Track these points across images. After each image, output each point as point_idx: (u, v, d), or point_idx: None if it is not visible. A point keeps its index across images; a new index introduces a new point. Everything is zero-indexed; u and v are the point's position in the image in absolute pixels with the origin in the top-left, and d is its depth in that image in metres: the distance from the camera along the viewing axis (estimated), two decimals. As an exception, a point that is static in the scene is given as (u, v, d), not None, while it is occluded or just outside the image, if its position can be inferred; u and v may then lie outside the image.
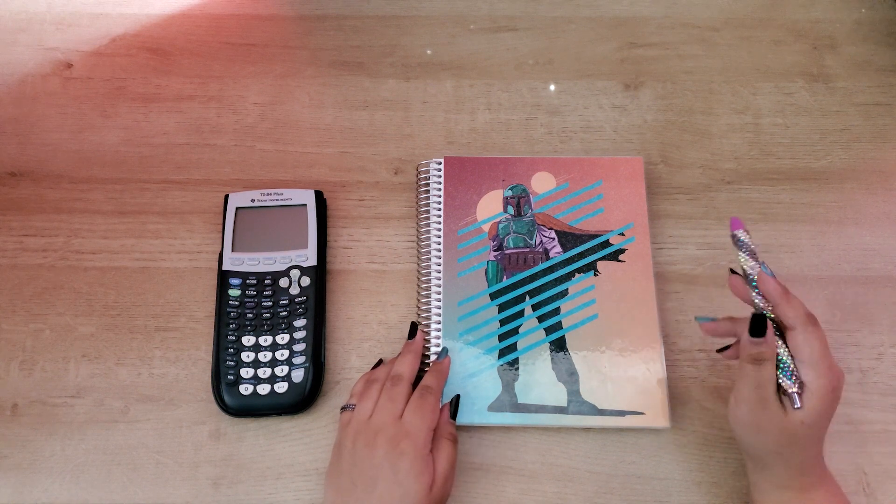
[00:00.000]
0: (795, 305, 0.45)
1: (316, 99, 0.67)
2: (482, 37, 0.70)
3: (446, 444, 0.50)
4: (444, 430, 0.51)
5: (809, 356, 0.44)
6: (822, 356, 0.44)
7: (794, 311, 0.44)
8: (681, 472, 0.54)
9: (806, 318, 0.44)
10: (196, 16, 0.71)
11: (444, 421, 0.52)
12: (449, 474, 0.49)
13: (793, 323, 0.44)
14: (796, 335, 0.44)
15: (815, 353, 0.44)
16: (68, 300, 0.59)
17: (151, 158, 0.64)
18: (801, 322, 0.44)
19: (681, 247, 0.61)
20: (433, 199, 0.61)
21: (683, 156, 0.65)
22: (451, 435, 0.51)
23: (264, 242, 0.58)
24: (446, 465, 0.48)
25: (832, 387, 0.44)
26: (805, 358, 0.44)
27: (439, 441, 0.50)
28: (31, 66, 0.69)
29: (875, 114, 0.66)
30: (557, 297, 0.57)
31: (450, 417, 0.52)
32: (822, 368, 0.44)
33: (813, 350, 0.44)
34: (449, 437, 0.50)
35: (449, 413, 0.53)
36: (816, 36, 0.70)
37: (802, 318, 0.44)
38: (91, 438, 0.55)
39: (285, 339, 0.55)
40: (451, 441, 0.50)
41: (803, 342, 0.44)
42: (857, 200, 0.63)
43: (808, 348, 0.44)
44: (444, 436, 0.50)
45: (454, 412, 0.53)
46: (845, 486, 0.48)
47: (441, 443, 0.50)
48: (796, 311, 0.45)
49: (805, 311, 0.45)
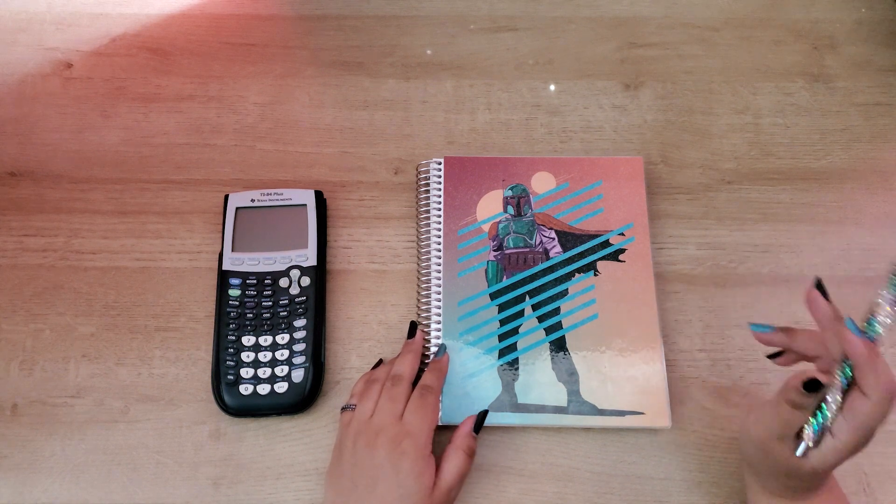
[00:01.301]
0: (882, 373, 0.39)
1: (316, 99, 0.67)
2: (482, 37, 0.70)
3: (460, 455, 0.49)
4: (462, 441, 0.50)
5: (860, 426, 0.39)
6: (872, 429, 0.39)
7: (877, 380, 0.39)
8: (681, 472, 0.54)
9: (887, 393, 0.39)
10: (196, 16, 0.71)
11: (465, 433, 0.51)
12: (454, 484, 0.48)
13: (869, 392, 0.39)
14: (865, 403, 0.39)
15: (868, 427, 0.39)
16: (68, 300, 0.59)
17: (151, 158, 0.64)
18: (880, 396, 0.39)
19: (681, 247, 0.61)
20: (433, 199, 0.61)
21: (683, 156, 0.65)
22: (469, 448, 0.50)
23: (264, 242, 0.58)
24: (454, 474, 0.48)
25: (857, 449, 0.40)
26: (856, 426, 0.39)
27: (454, 450, 0.49)
28: (31, 66, 0.69)
29: (875, 114, 0.66)
30: (557, 297, 0.57)
31: (472, 430, 0.52)
32: (860, 437, 0.40)
33: (871, 422, 0.39)
34: (466, 450, 0.50)
35: (472, 426, 0.52)
36: (816, 36, 0.70)
37: (885, 392, 0.39)
38: (91, 438, 0.55)
39: (285, 339, 0.55)
40: (466, 454, 0.49)
41: (868, 414, 0.39)
42: (857, 200, 0.63)
43: (866, 419, 0.39)
44: (461, 447, 0.50)
45: (479, 426, 0.52)
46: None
47: (455, 452, 0.49)
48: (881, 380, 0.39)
49: (890, 385, 0.39)
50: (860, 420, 0.39)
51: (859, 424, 0.39)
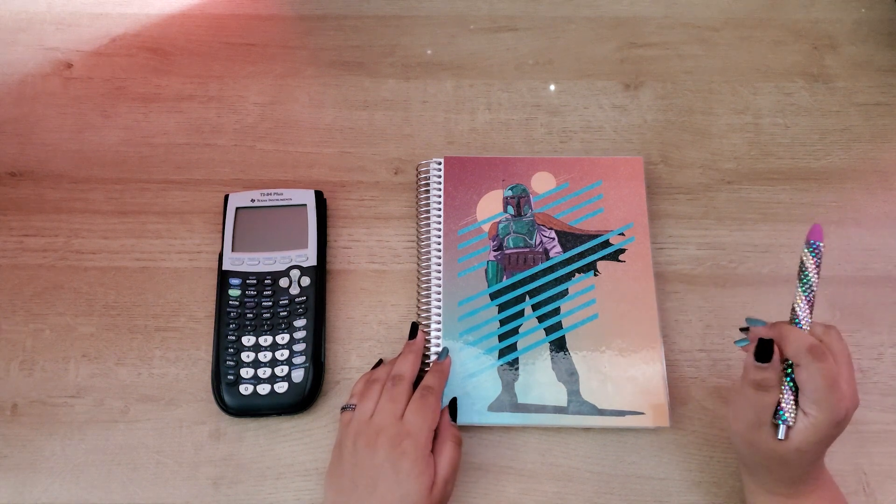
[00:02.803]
0: (794, 339, 0.43)
1: (316, 99, 0.67)
2: (482, 37, 0.70)
3: (450, 446, 0.49)
4: (447, 432, 0.51)
5: (814, 392, 0.42)
6: (829, 391, 0.41)
7: (794, 347, 0.42)
8: (681, 472, 0.54)
9: (808, 352, 0.42)
10: (196, 16, 0.71)
11: (446, 424, 0.52)
12: (450, 476, 0.48)
13: (796, 359, 0.42)
14: (801, 371, 0.42)
15: (820, 389, 0.41)
16: (68, 300, 0.59)
17: (151, 158, 0.64)
18: (803, 358, 0.42)
19: (681, 247, 0.61)
20: (433, 199, 0.61)
21: (683, 156, 0.65)
22: (455, 437, 0.51)
23: (264, 242, 0.58)
24: (448, 466, 0.48)
25: (835, 420, 0.42)
26: (809, 394, 0.42)
27: (443, 443, 0.50)
28: (31, 66, 0.69)
29: (875, 114, 0.66)
30: (557, 297, 0.57)
31: (450, 420, 0.52)
32: (827, 403, 0.41)
33: (817, 386, 0.41)
34: (453, 440, 0.50)
35: (449, 416, 0.53)
36: (816, 36, 0.70)
37: (804, 352, 0.42)
38: (91, 438, 0.55)
39: (285, 339, 0.55)
40: (454, 443, 0.50)
41: (807, 378, 0.42)
42: (857, 200, 0.63)
43: (811, 384, 0.42)
44: (448, 438, 0.50)
45: (454, 414, 0.53)
46: (845, 487, 0.48)
47: (445, 445, 0.49)
48: (796, 345, 0.42)
49: (807, 345, 0.42)
50: (809, 387, 0.42)
51: (811, 392, 0.42)
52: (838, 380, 0.42)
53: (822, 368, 0.41)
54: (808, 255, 0.45)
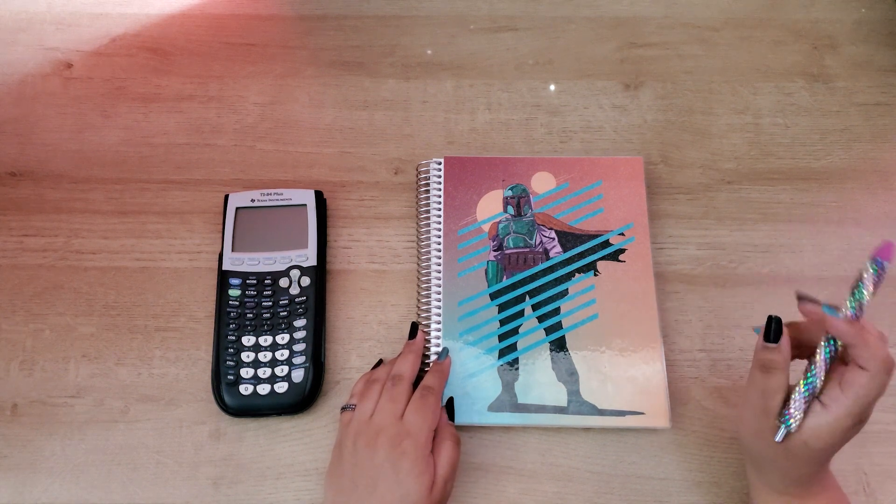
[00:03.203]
0: (874, 346, 0.40)
1: (316, 99, 0.67)
2: (482, 37, 0.70)
3: (449, 445, 0.49)
4: (445, 431, 0.51)
5: (861, 398, 0.40)
6: (872, 402, 0.41)
7: (872, 352, 0.40)
8: (681, 472, 0.54)
9: (884, 362, 0.40)
10: (196, 16, 0.71)
11: (445, 423, 0.52)
12: (450, 475, 0.48)
13: (867, 364, 0.40)
14: (862, 375, 0.40)
15: (869, 398, 0.40)
16: (68, 300, 0.59)
17: (151, 158, 0.64)
18: (876, 366, 0.40)
19: (681, 247, 0.61)
20: (433, 199, 0.61)
21: (683, 156, 0.65)
22: (453, 436, 0.51)
23: (264, 242, 0.58)
24: (448, 466, 0.48)
25: (853, 426, 0.41)
26: (851, 398, 0.40)
27: (442, 442, 0.50)
28: (31, 66, 0.69)
29: (875, 114, 0.66)
30: (557, 297, 0.57)
31: (448, 420, 0.52)
32: (856, 410, 0.41)
33: (869, 395, 0.40)
34: (451, 439, 0.50)
35: (447, 416, 0.53)
36: (816, 36, 0.70)
37: (881, 362, 0.40)
38: (91, 438, 0.55)
39: (285, 339, 0.55)
40: (453, 442, 0.50)
41: (865, 385, 0.40)
42: (857, 200, 0.63)
43: (864, 391, 0.40)
44: (447, 437, 0.50)
45: (451, 414, 0.53)
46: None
47: (444, 444, 0.49)
48: (874, 351, 0.40)
49: (885, 355, 0.40)
50: (857, 391, 0.40)
51: (856, 396, 0.40)
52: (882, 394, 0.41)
53: (884, 384, 0.40)
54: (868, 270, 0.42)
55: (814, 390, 0.42)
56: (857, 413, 0.41)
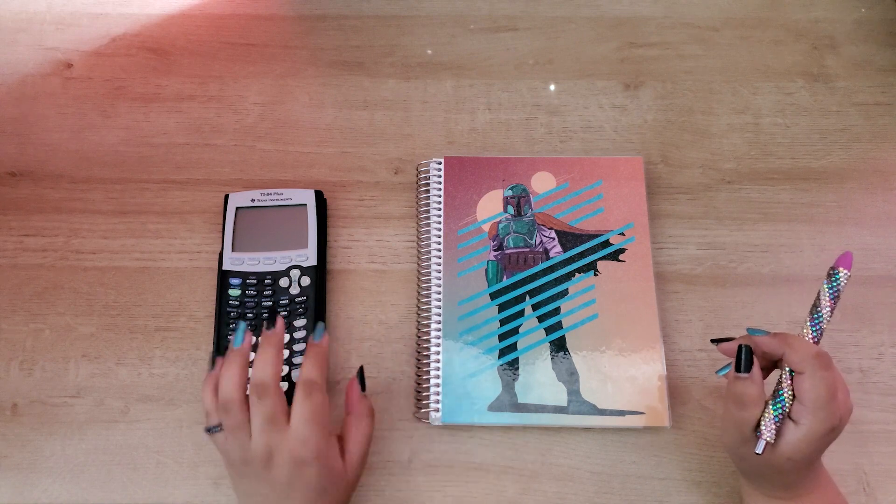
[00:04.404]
0: (799, 348, 0.42)
1: (316, 99, 0.67)
2: (482, 37, 0.70)
3: (364, 420, 0.47)
4: (360, 407, 0.48)
5: (814, 401, 0.41)
6: (828, 400, 0.41)
7: (799, 355, 0.42)
8: (681, 472, 0.54)
9: (814, 359, 0.41)
10: (196, 16, 0.71)
11: (357, 398, 0.48)
12: (365, 451, 0.47)
13: (800, 367, 0.42)
14: (804, 379, 0.42)
15: (820, 399, 0.41)
16: (68, 300, 0.59)
17: (151, 158, 0.64)
18: (808, 365, 0.41)
19: (681, 247, 0.61)
20: (433, 199, 0.61)
21: (683, 156, 0.65)
22: (369, 410, 0.48)
23: (264, 242, 0.58)
24: (363, 442, 0.47)
25: (830, 428, 0.42)
26: (809, 403, 0.41)
27: (358, 420, 0.47)
28: (31, 66, 0.69)
29: (875, 114, 0.66)
30: (557, 296, 0.57)
31: (360, 392, 0.49)
32: (824, 413, 0.41)
33: (819, 395, 0.41)
34: (367, 415, 0.48)
35: (358, 389, 0.49)
36: (816, 36, 0.70)
37: (810, 360, 0.41)
38: (91, 438, 0.55)
39: (285, 339, 0.55)
40: (369, 418, 0.48)
41: (810, 388, 0.41)
42: (857, 200, 0.63)
43: (812, 393, 0.41)
44: (363, 414, 0.47)
45: (363, 384, 0.49)
46: (845, 487, 0.48)
47: (359, 420, 0.47)
48: (801, 353, 0.42)
49: (812, 353, 0.42)
50: (810, 396, 0.41)
51: (811, 400, 0.41)
52: (838, 388, 0.42)
53: (825, 377, 0.41)
54: (825, 290, 0.44)
55: (784, 411, 0.43)
56: (823, 417, 0.41)
